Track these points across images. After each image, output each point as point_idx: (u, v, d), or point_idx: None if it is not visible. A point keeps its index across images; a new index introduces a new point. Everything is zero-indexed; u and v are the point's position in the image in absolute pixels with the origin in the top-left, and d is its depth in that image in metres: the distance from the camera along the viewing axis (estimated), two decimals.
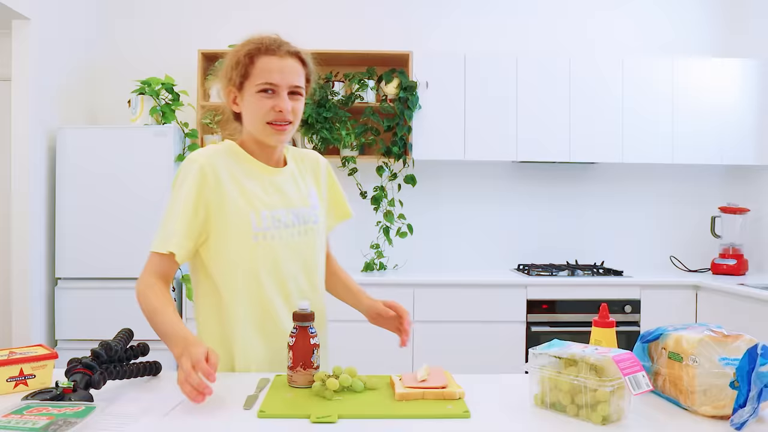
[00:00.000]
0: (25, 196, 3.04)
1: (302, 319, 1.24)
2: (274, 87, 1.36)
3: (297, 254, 1.43)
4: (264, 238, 1.38)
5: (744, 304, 2.89)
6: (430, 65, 3.44)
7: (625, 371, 1.02)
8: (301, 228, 1.43)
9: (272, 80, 1.35)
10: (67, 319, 3.14)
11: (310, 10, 3.76)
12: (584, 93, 3.48)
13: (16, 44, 3.02)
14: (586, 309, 3.20)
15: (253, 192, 1.39)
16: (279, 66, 1.36)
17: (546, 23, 3.82)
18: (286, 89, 1.37)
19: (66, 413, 0.94)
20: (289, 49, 1.39)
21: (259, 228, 1.37)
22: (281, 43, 1.39)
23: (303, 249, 1.43)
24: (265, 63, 1.36)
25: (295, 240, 1.42)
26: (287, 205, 1.43)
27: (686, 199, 3.85)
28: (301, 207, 1.45)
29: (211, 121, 3.47)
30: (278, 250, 1.39)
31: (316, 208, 1.49)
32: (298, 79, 1.39)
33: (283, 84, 1.36)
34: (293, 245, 1.42)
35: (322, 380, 1.17)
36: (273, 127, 1.37)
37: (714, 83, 3.52)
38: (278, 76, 1.36)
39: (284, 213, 1.41)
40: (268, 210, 1.39)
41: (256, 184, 1.41)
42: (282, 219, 1.40)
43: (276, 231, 1.39)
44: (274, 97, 1.36)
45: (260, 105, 1.36)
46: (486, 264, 3.78)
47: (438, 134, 3.44)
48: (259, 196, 1.39)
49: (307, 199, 1.47)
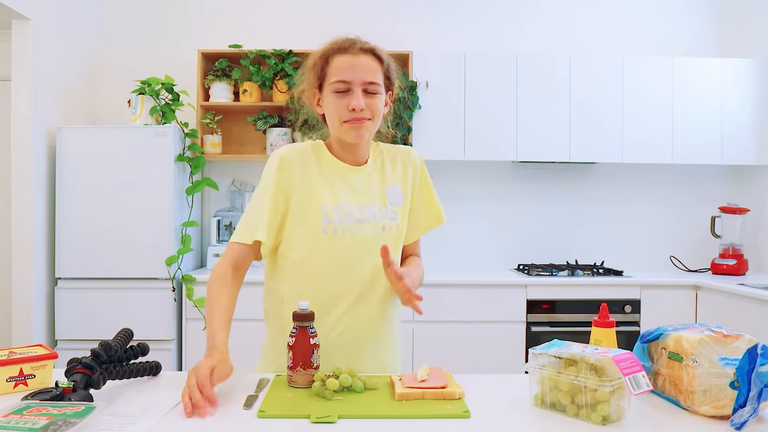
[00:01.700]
0: (25, 196, 3.04)
1: (302, 319, 1.24)
2: (348, 84, 1.35)
3: (368, 252, 1.39)
4: (334, 232, 1.37)
5: (744, 304, 2.89)
6: (430, 65, 3.44)
7: (625, 371, 1.01)
8: (374, 225, 1.41)
9: (345, 77, 1.34)
10: (67, 319, 3.14)
11: (310, 10, 3.76)
12: (584, 93, 3.48)
13: (16, 44, 3.02)
14: (586, 309, 3.20)
15: (326, 187, 1.39)
16: (351, 63, 1.35)
17: (546, 23, 3.82)
18: (360, 86, 1.35)
19: (66, 413, 0.94)
20: (363, 47, 1.37)
21: (329, 221, 1.37)
22: (355, 41, 1.38)
23: (377, 247, 1.38)
24: (339, 61, 1.36)
25: (367, 237, 1.40)
26: (361, 201, 1.41)
27: (686, 199, 3.85)
28: (377, 204, 1.43)
29: (211, 121, 3.48)
30: (347, 245, 1.38)
31: (397, 205, 1.46)
32: (372, 75, 1.36)
33: (357, 81, 1.35)
34: (364, 242, 1.39)
35: (322, 380, 1.17)
36: (350, 125, 1.37)
37: (714, 83, 3.52)
38: (351, 73, 1.34)
39: (357, 209, 1.40)
40: (338, 204, 1.39)
41: (330, 180, 1.41)
42: (355, 214, 1.39)
43: (348, 225, 1.38)
44: (349, 95, 1.35)
45: (336, 104, 1.36)
46: (486, 264, 3.78)
47: (438, 134, 3.44)
48: (331, 191, 1.39)
49: (385, 197, 1.45)
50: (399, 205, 1.47)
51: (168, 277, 3.14)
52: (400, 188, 1.48)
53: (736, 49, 3.82)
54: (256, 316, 2.65)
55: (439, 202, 1.56)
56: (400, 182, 1.49)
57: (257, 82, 3.48)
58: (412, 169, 1.52)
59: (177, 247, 3.19)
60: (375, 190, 1.44)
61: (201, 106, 3.48)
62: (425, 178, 1.54)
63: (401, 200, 1.47)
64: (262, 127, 3.53)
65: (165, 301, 3.13)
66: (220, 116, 3.57)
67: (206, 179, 3.35)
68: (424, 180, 1.54)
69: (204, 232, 3.71)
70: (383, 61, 1.40)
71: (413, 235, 1.54)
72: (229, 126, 3.71)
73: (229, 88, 3.50)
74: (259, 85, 3.50)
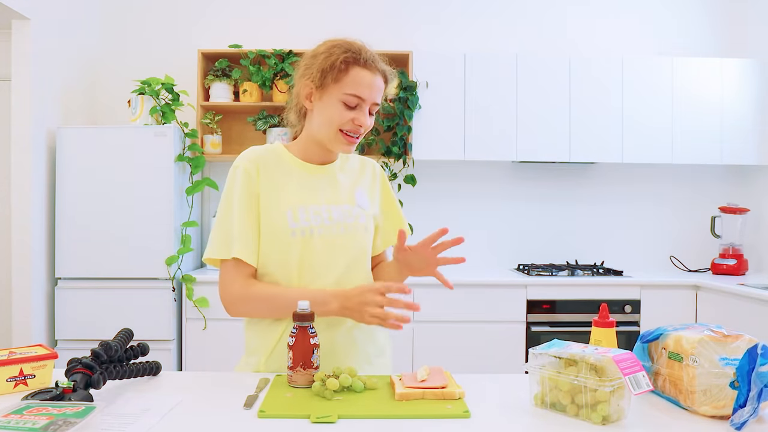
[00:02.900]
0: (26, 196, 3.04)
1: (302, 319, 1.24)
2: (361, 101, 1.37)
3: (339, 252, 1.39)
4: (302, 233, 1.36)
5: (744, 304, 2.89)
6: (430, 65, 3.44)
7: (625, 371, 1.01)
8: (344, 224, 1.40)
9: (362, 94, 1.36)
10: (67, 319, 3.14)
11: (310, 10, 3.76)
12: (584, 93, 3.48)
13: (16, 44, 3.02)
14: (586, 309, 3.20)
15: (289, 189, 1.39)
16: (370, 82, 1.37)
17: (546, 23, 3.82)
18: (369, 105, 1.38)
19: (66, 413, 0.94)
20: (381, 68, 1.40)
21: (296, 223, 1.36)
22: (376, 59, 1.40)
23: (347, 246, 1.39)
24: (359, 75, 1.36)
25: (337, 236, 1.39)
26: (329, 201, 1.41)
27: (686, 199, 3.85)
28: (346, 204, 1.43)
29: (211, 120, 3.48)
30: (317, 246, 1.37)
31: (364, 207, 1.46)
32: (379, 97, 1.40)
33: (369, 100, 1.37)
34: (334, 242, 1.38)
35: (322, 380, 1.17)
36: (345, 137, 1.37)
37: (714, 83, 3.52)
38: (368, 91, 1.36)
39: (325, 209, 1.40)
40: (305, 206, 1.38)
41: (293, 182, 1.40)
42: (323, 214, 1.39)
43: (316, 226, 1.37)
44: (357, 110, 1.37)
45: (341, 113, 1.36)
46: (486, 264, 3.78)
47: (438, 134, 3.44)
48: (296, 192, 1.39)
49: (353, 198, 1.45)
50: (366, 208, 1.47)
51: (168, 277, 3.14)
52: (367, 194, 1.49)
53: (736, 49, 3.82)
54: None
55: (400, 209, 1.58)
56: (367, 188, 1.50)
57: (257, 82, 3.48)
58: (380, 181, 1.54)
59: (177, 247, 3.19)
60: (342, 190, 1.45)
61: (201, 106, 3.48)
62: (389, 191, 1.56)
63: (368, 204, 1.48)
64: (262, 127, 3.53)
65: (165, 301, 3.13)
66: (220, 116, 3.57)
67: (206, 179, 3.35)
68: (388, 192, 1.56)
69: (204, 232, 3.71)
70: (388, 84, 1.43)
71: (382, 246, 1.54)
72: (229, 126, 3.71)
73: (229, 88, 3.50)
74: (259, 85, 3.50)
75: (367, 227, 1.45)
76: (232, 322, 3.17)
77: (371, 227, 1.47)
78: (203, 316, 3.15)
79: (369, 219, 1.46)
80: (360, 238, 1.43)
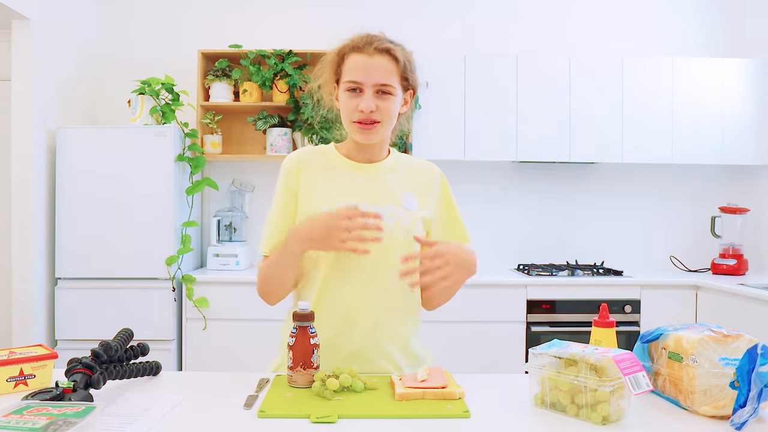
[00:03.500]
0: (26, 196, 3.04)
1: (302, 319, 1.24)
2: (359, 85, 1.32)
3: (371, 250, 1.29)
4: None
5: (744, 304, 2.89)
6: (430, 65, 3.44)
7: (625, 371, 1.01)
8: (383, 224, 1.32)
9: (357, 78, 1.32)
10: (67, 319, 3.14)
11: (310, 10, 3.76)
12: (584, 93, 3.47)
13: (16, 44, 3.02)
14: (586, 309, 3.19)
15: (330, 186, 1.38)
16: (365, 64, 1.32)
17: (546, 23, 3.82)
18: (371, 88, 1.32)
19: (66, 413, 0.94)
20: (379, 47, 1.33)
21: None
22: (371, 40, 1.34)
23: (380, 246, 1.31)
24: (352, 61, 1.34)
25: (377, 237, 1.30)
26: (371, 200, 1.37)
27: (686, 199, 3.85)
28: (389, 204, 1.38)
29: (211, 121, 3.48)
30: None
31: (410, 211, 1.39)
32: (386, 77, 1.33)
33: (368, 83, 1.32)
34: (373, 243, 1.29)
35: (322, 380, 1.17)
36: (359, 127, 1.35)
37: (714, 83, 3.52)
38: (363, 74, 1.32)
39: (365, 207, 1.33)
40: (344, 202, 1.34)
41: (337, 179, 1.40)
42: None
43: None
44: (360, 95, 1.33)
45: (347, 104, 1.35)
46: (486, 264, 3.78)
47: (438, 134, 3.44)
48: (337, 189, 1.38)
49: (398, 198, 1.39)
50: (413, 210, 1.40)
51: (168, 277, 3.14)
52: (418, 197, 1.43)
53: (737, 49, 3.82)
54: (263, 316, 2.66)
55: (463, 222, 1.53)
56: (420, 191, 1.44)
57: (257, 82, 3.48)
58: (438, 186, 1.49)
59: (177, 247, 3.19)
60: (388, 190, 1.40)
61: (201, 106, 3.48)
62: (449, 198, 1.51)
63: (416, 207, 1.42)
64: (262, 127, 3.53)
65: (165, 301, 3.13)
66: (220, 116, 3.57)
67: (206, 179, 3.35)
68: (448, 199, 1.51)
69: (204, 232, 3.71)
70: (399, 61, 1.36)
71: None
72: (229, 126, 3.71)
73: (229, 88, 3.50)
74: (259, 85, 3.50)
75: (410, 230, 1.38)
76: (232, 322, 3.18)
77: (416, 230, 1.39)
78: (203, 316, 3.15)
79: (415, 222, 1.40)
80: (398, 239, 1.37)
